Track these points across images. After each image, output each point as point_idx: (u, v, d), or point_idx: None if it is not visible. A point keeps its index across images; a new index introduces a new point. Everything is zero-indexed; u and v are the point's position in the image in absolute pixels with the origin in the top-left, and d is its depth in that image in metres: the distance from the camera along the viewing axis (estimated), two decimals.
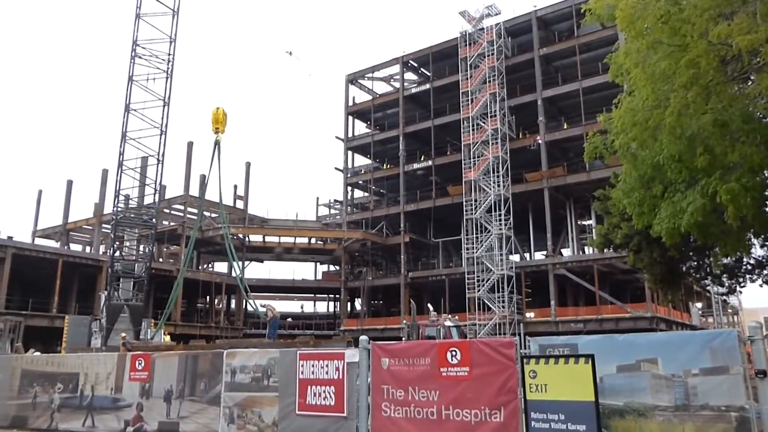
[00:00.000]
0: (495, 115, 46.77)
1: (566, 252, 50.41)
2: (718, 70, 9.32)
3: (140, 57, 30.62)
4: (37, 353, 21.76)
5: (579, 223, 50.41)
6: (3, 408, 14.12)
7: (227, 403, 11.01)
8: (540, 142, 47.02)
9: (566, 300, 45.36)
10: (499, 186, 45.32)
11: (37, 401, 13.66)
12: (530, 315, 44.16)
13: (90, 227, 60.25)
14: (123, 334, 25.00)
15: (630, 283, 46.08)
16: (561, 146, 48.53)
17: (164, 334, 31.72)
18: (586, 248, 50.27)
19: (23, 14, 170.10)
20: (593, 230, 42.00)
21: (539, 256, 52.53)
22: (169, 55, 30.96)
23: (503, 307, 42.47)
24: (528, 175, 47.32)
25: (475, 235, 45.60)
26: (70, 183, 63.09)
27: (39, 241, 60.02)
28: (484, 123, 47.24)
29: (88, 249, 61.73)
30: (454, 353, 8.75)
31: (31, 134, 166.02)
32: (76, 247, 62.79)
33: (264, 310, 22.33)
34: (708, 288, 43.07)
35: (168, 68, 30.87)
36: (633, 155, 11.51)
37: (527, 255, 52.96)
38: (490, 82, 47.60)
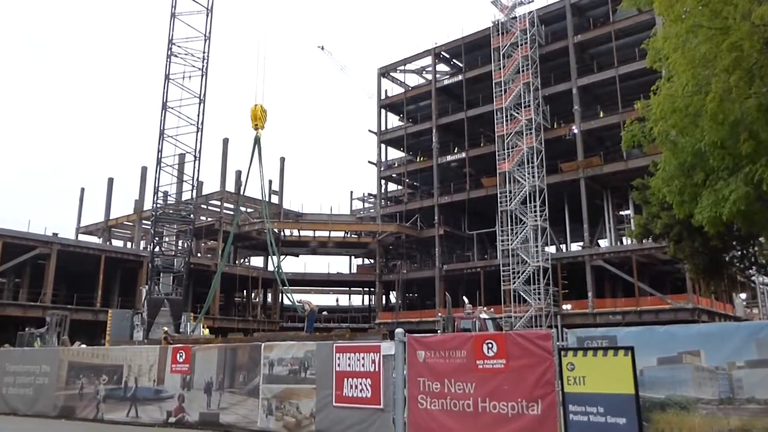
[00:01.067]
0: (529, 105, 46.15)
1: (603, 243, 49.54)
2: (762, 53, 9.01)
3: (176, 56, 31.15)
4: (83, 346, 22.45)
5: (616, 213, 49.42)
6: (52, 398, 14.63)
7: (266, 394, 11.18)
8: (575, 131, 46.23)
9: (604, 292, 44.62)
10: (533, 177, 44.75)
11: (83, 392, 14.11)
12: (567, 307, 43.60)
13: (131, 223, 61.74)
14: (165, 328, 25.56)
15: (670, 273, 45.05)
16: (597, 135, 47.63)
17: (203, 327, 32.33)
18: (624, 239, 49.31)
19: (65, 15, 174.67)
20: (631, 220, 41.15)
21: (576, 247, 51.77)
22: (204, 52, 31.43)
23: (539, 299, 42.03)
24: (563, 165, 46.59)
25: (510, 227, 45.17)
26: (111, 181, 64.73)
27: (82, 238, 61.81)
28: (517, 113, 46.66)
29: (129, 245, 63.29)
30: (490, 346, 8.71)
31: (73, 134, 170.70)
32: (117, 243, 64.43)
33: (301, 304, 22.53)
34: (753, 278, 41.82)
35: (203, 66, 31.36)
36: (673, 143, 11.23)
37: (563, 246, 52.21)
38: (523, 71, 46.95)
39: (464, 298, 33.65)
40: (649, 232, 21.98)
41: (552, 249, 48.69)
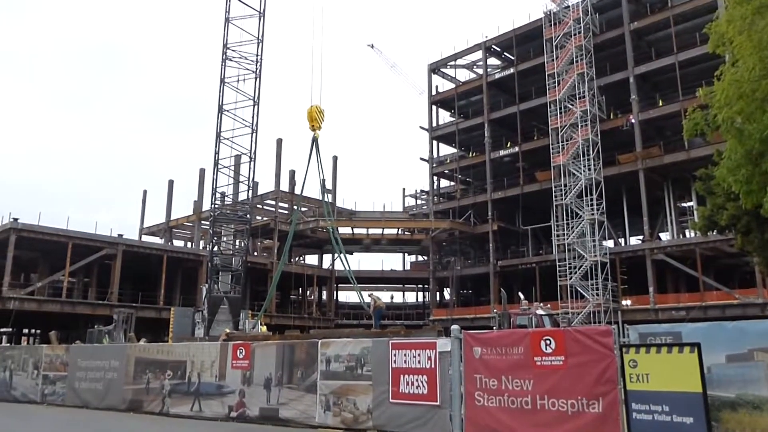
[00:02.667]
0: (584, 96, 45.01)
1: (665, 236, 47.91)
2: None
3: (231, 59, 31.93)
4: (144, 342, 23.32)
5: (678, 205, 47.68)
6: (120, 393, 15.27)
7: (323, 390, 11.35)
8: (633, 121, 44.81)
9: (666, 287, 43.16)
10: (589, 169, 43.65)
11: (150, 387, 14.67)
12: (627, 303, 42.37)
13: (190, 224, 63.68)
14: (227, 330, 26.30)
15: (738, 267, 43.19)
16: (656, 125, 46.05)
17: (261, 324, 33.06)
18: (686, 231, 47.52)
19: (128, 24, 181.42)
20: (695, 212, 39.52)
21: (635, 241, 50.26)
22: (257, 55, 32.11)
23: (597, 294, 41.01)
24: (621, 156, 45.26)
25: (565, 221, 44.23)
26: (171, 183, 66.97)
27: (145, 238, 64.20)
28: (572, 105, 45.58)
29: (189, 244, 65.31)
30: (548, 342, 8.58)
31: (137, 139, 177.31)
32: (178, 243, 66.59)
33: (369, 300, 22.74)
34: None
35: (257, 68, 32.03)
36: (738, 130, 10.73)
37: (622, 240, 50.76)
38: (577, 62, 45.81)
39: (520, 294, 33.22)
40: (714, 224, 21.11)
41: (610, 243, 47.42)
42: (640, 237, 47.07)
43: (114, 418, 14.30)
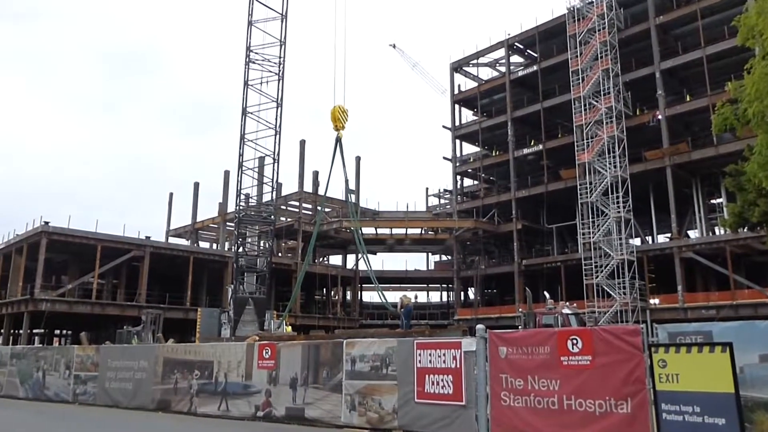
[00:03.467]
0: (609, 93, 44.41)
1: (693, 234, 47.03)
2: None
3: (254, 62, 32.17)
4: (171, 342, 23.62)
5: (707, 202, 46.77)
6: (150, 392, 15.51)
7: (348, 390, 11.38)
8: (660, 117, 44.07)
9: (695, 285, 42.36)
10: (615, 167, 43.05)
11: (178, 386, 14.87)
12: (655, 301, 41.71)
13: (215, 225, 64.40)
14: (256, 337, 26.51)
15: None
16: (684, 120, 45.23)
17: (286, 324, 33.27)
18: (716, 229, 46.58)
19: (151, 32, 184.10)
20: (724, 209, 38.75)
21: (663, 239, 49.45)
22: (280, 57, 32.30)
23: (624, 293, 40.43)
24: (647, 153, 44.55)
25: (591, 220, 43.70)
26: (196, 185, 67.80)
27: (172, 240, 65.07)
28: (596, 102, 45.00)
29: (214, 246, 66.04)
30: (575, 341, 8.49)
31: (162, 142, 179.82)
32: (204, 245, 67.41)
33: (400, 301, 22.76)
34: None
35: (279, 70, 32.23)
36: None
37: (649, 238, 49.96)
38: (601, 57, 45.21)
39: (545, 293, 32.90)
40: (745, 220, 20.70)
41: (637, 241, 46.72)
42: (668, 235, 46.27)
43: (144, 417, 14.52)
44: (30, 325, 41.22)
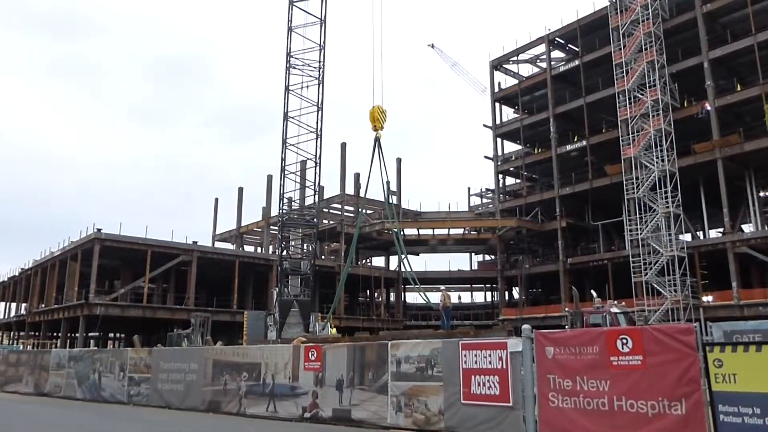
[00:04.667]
0: (654, 85, 43.22)
1: (747, 228, 45.34)
2: None
3: (294, 67, 32.60)
4: (219, 344, 24.05)
5: (762, 194, 45.00)
6: (200, 394, 15.86)
7: (394, 392, 11.39)
8: (709, 108, 42.65)
9: (750, 281, 40.86)
10: (663, 161, 41.86)
11: (227, 388, 15.15)
12: (707, 299, 40.38)
13: (259, 229, 65.42)
14: (302, 339, 26.81)
15: None
16: (735, 111, 43.67)
17: (331, 326, 33.52)
18: None
19: (194, 42, 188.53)
20: None
21: (715, 234, 47.80)
22: (320, 62, 32.64)
23: (675, 291, 39.27)
24: (696, 146, 43.18)
25: (638, 216, 42.62)
26: (241, 190, 69.07)
27: (218, 245, 66.43)
28: (642, 94, 43.86)
29: (259, 250, 67.11)
30: (624, 341, 8.29)
31: (207, 149, 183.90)
32: (249, 249, 68.56)
33: (440, 298, 22.68)
34: None
35: (319, 75, 32.55)
36: None
37: (700, 234, 48.44)
38: (646, 49, 44.04)
39: (592, 291, 32.26)
40: None
41: (687, 237, 45.36)
42: (721, 230, 44.72)
43: (195, 418, 14.84)
44: (85, 329, 42.70)
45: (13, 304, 60.98)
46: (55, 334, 54.43)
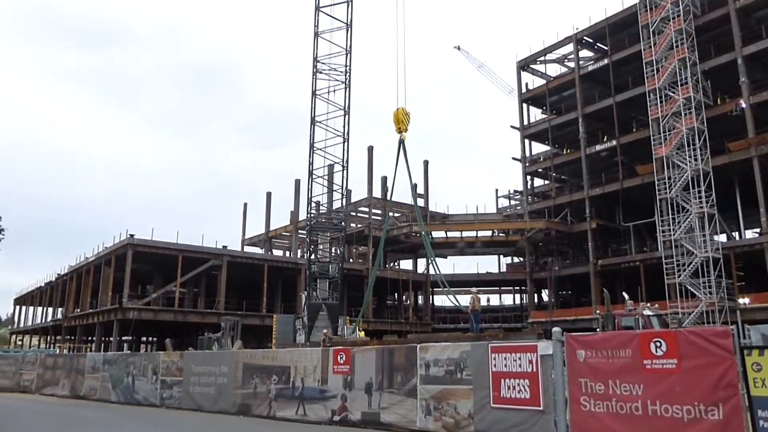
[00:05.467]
0: (686, 83, 42.35)
1: None
2: None
3: (321, 72, 32.81)
4: (241, 347, 24.27)
5: None
6: (231, 397, 16.02)
7: (423, 395, 11.35)
8: (744, 105, 41.59)
9: None
10: (696, 160, 40.96)
11: (257, 391, 15.29)
12: (744, 301, 39.31)
13: (288, 233, 65.89)
14: (325, 330, 26.90)
15: None
16: None
17: (359, 330, 33.57)
18: None
19: (221, 52, 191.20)
20: None
21: (751, 234, 46.57)
22: (346, 66, 32.78)
23: (710, 293, 38.34)
24: (731, 144, 42.16)
25: (671, 216, 41.76)
26: (269, 195, 69.67)
27: (247, 249, 67.11)
28: (673, 93, 43.01)
29: (287, 253, 67.57)
30: (658, 344, 8.13)
31: (235, 155, 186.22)
32: (277, 253, 69.09)
33: (469, 300, 22.53)
34: None
35: (346, 79, 32.69)
36: None
37: (736, 234, 47.24)
38: (677, 46, 43.18)
39: (623, 293, 31.64)
40: None
41: (722, 237, 44.28)
42: (757, 230, 43.55)
43: (226, 421, 15.00)
44: (119, 333, 43.50)
45: (50, 309, 62.45)
46: (90, 338, 55.59)
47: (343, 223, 35.27)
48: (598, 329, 24.27)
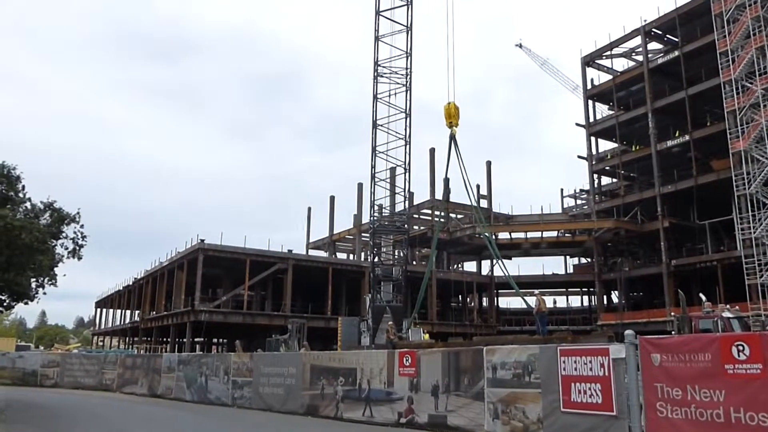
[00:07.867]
0: (765, 72, 40.10)
1: None
2: None
3: (381, 76, 33.02)
4: (306, 350, 24.65)
5: None
6: (299, 397, 16.33)
7: (490, 398, 11.21)
8: None
9: None
10: None
11: (324, 392, 15.51)
12: None
13: (351, 237, 66.61)
14: (390, 322, 26.95)
15: None
16: None
17: (424, 332, 33.46)
18: None
19: (284, 59, 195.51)
20: None
21: None
22: (407, 68, 32.88)
23: None
24: None
25: (750, 213, 39.62)
26: (332, 199, 70.66)
27: (312, 252, 68.20)
28: (751, 83, 40.82)
29: (351, 256, 68.27)
30: (741, 348, 7.73)
31: (300, 160, 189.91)
32: (341, 256, 69.93)
33: (535, 303, 22.14)
34: None
35: (406, 81, 32.79)
36: None
37: None
38: (754, 35, 40.96)
39: (700, 295, 30.21)
40: None
41: None
42: None
43: (295, 421, 15.30)
44: (192, 334, 45.09)
45: (128, 312, 65.48)
46: (165, 338, 57.87)
47: (405, 226, 35.37)
48: (673, 332, 23.31)
